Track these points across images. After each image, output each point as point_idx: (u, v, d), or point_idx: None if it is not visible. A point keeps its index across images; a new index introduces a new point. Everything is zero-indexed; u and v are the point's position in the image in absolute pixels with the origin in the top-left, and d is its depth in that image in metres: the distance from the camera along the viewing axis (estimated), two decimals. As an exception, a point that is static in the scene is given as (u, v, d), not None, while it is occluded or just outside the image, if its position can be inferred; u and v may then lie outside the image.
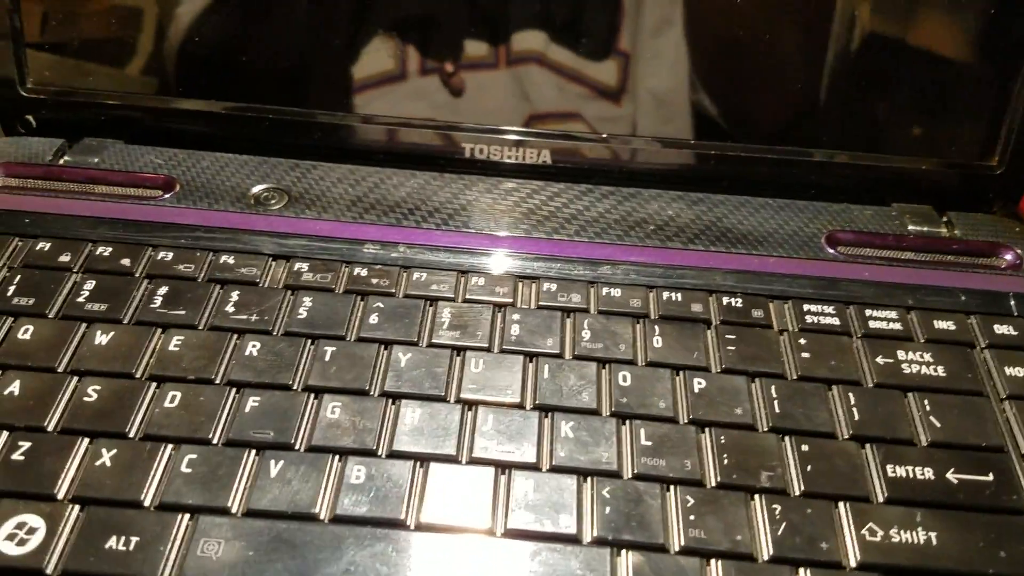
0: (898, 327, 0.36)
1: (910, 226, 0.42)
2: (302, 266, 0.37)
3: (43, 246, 0.38)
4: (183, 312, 0.35)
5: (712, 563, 0.28)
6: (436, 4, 0.42)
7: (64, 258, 0.37)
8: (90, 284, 0.36)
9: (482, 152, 0.44)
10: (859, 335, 0.36)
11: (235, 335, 0.34)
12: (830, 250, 0.40)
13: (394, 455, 0.31)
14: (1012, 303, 0.38)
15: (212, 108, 0.44)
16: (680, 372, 0.34)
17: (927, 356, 0.35)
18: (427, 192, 0.42)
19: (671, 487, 0.30)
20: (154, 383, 0.32)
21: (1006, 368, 0.35)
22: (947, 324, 0.36)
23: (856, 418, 0.32)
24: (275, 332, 0.35)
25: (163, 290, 0.36)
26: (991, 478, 0.31)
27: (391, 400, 0.32)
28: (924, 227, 0.42)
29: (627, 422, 0.32)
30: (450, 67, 0.43)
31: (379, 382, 0.33)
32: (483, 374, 0.33)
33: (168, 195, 0.41)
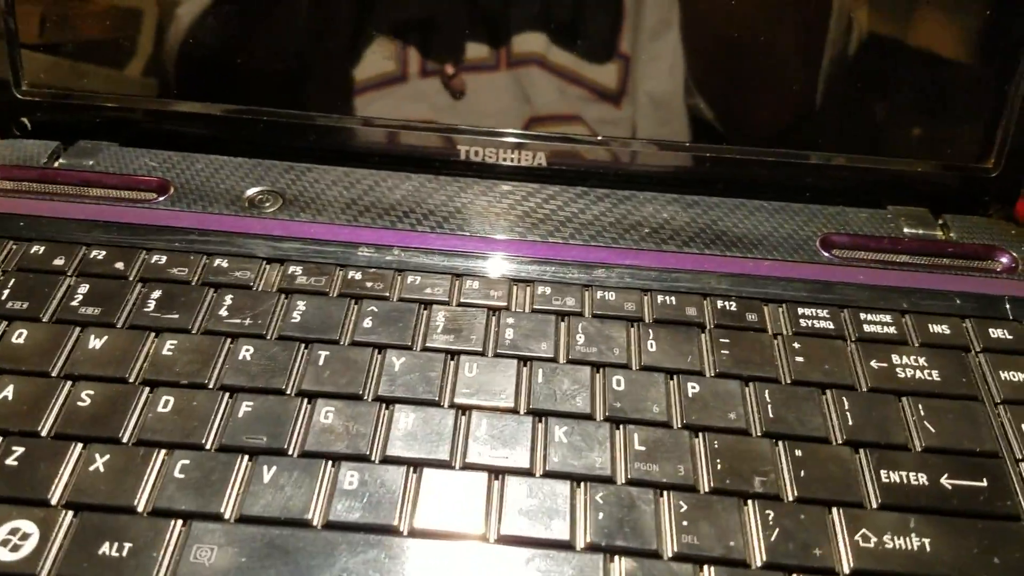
0: (893, 331, 0.36)
1: (905, 229, 0.42)
2: (296, 269, 0.37)
3: (37, 249, 0.38)
4: (176, 316, 0.35)
5: (705, 569, 0.28)
6: (430, 7, 0.42)
7: (58, 261, 0.37)
8: (84, 288, 0.36)
9: (477, 154, 0.44)
10: (853, 339, 0.36)
11: (228, 339, 0.34)
12: (825, 253, 0.40)
13: (387, 460, 0.30)
14: (1007, 307, 0.38)
15: (207, 110, 0.44)
16: (674, 376, 0.34)
17: (921, 360, 0.35)
18: (422, 195, 0.42)
19: (664, 493, 0.30)
20: (147, 388, 0.32)
21: (1001, 372, 0.35)
22: (942, 328, 0.36)
23: (850, 423, 0.32)
24: (269, 336, 0.35)
25: (157, 294, 0.36)
26: (985, 484, 0.31)
27: (384, 405, 0.32)
28: (919, 230, 0.42)
29: (621, 427, 0.32)
30: (445, 70, 0.43)
31: (373, 387, 0.33)
32: (477, 378, 0.33)
33: (162, 198, 0.41)
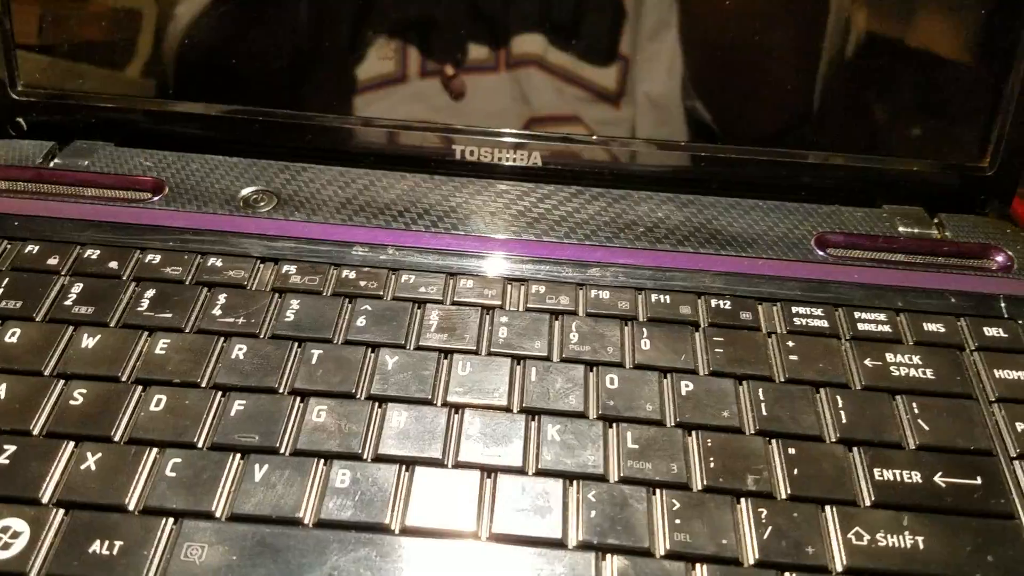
0: (887, 329, 0.36)
1: (900, 228, 0.42)
2: (290, 269, 0.37)
3: (31, 249, 0.38)
4: (170, 315, 0.35)
5: (698, 567, 0.28)
6: (426, 7, 0.42)
7: (52, 261, 0.37)
8: (78, 287, 0.36)
9: (473, 154, 0.44)
10: (848, 337, 0.36)
11: (222, 338, 0.34)
12: (820, 252, 0.40)
13: (379, 459, 0.30)
14: (1002, 305, 0.37)
15: (202, 110, 0.44)
16: (668, 375, 0.34)
17: (916, 359, 0.35)
18: (417, 194, 0.42)
19: (657, 491, 0.30)
20: (140, 386, 0.32)
21: (995, 371, 0.34)
22: (936, 326, 0.36)
23: (844, 421, 0.32)
24: (262, 335, 0.34)
25: (150, 293, 0.36)
26: (979, 482, 0.31)
27: (377, 403, 0.32)
28: (915, 229, 0.42)
29: (614, 425, 0.32)
30: (442, 69, 0.43)
31: (365, 385, 0.33)
32: (470, 377, 0.33)
33: (157, 197, 0.41)
